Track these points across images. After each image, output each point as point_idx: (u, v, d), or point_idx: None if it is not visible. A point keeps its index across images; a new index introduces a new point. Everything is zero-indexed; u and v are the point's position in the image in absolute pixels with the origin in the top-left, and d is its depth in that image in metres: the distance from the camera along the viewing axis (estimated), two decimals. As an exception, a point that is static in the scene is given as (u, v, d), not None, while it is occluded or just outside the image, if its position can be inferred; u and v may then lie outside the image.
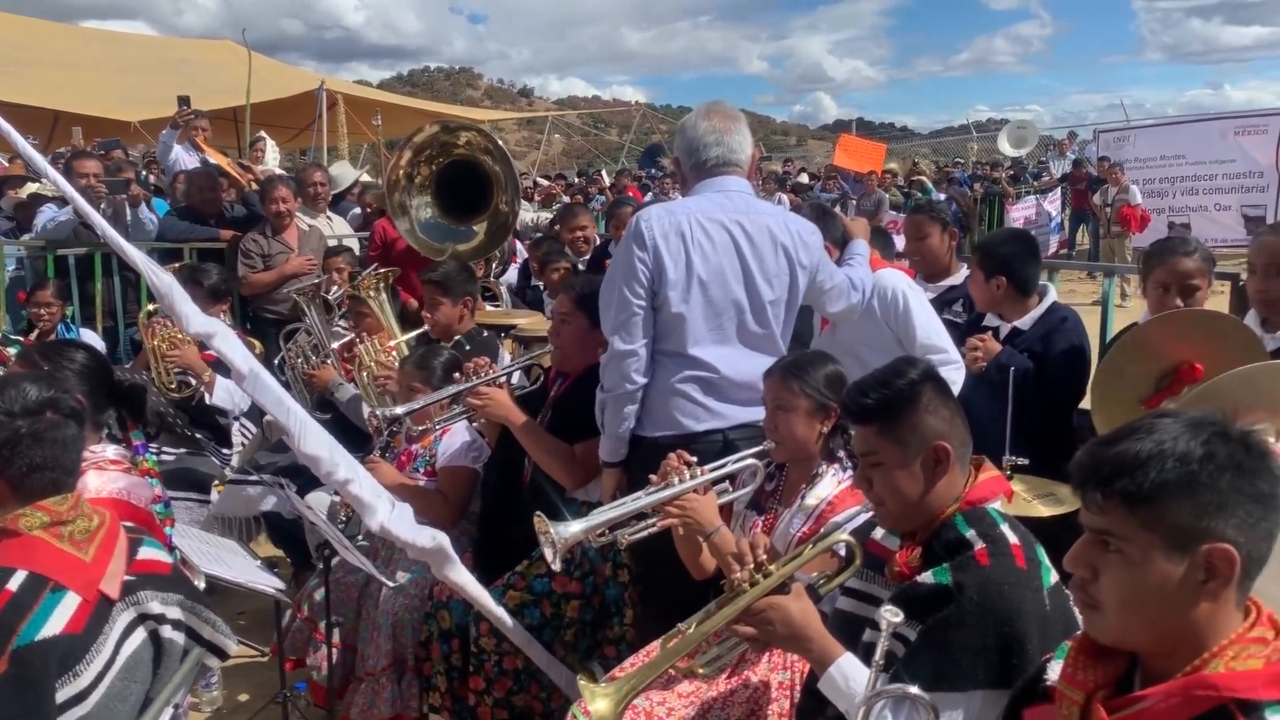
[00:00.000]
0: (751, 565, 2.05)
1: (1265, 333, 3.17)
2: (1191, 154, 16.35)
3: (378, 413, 3.66)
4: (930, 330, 3.60)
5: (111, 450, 2.89)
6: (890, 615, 1.72)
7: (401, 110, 21.13)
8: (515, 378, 3.95)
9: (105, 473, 2.78)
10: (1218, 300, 3.97)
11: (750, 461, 2.76)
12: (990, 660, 1.80)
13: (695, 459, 2.68)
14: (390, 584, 3.32)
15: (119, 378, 3.09)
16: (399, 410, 3.65)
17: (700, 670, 2.27)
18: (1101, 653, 1.48)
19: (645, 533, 2.62)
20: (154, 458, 3.25)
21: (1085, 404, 3.84)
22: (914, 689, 1.67)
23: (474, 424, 3.83)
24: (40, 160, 3.06)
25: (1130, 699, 1.41)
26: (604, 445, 3.15)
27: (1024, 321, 3.78)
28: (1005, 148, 22.25)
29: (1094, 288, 13.38)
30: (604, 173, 22.53)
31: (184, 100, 8.09)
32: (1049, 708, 1.55)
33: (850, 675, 1.92)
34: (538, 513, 2.60)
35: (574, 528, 2.56)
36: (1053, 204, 17.70)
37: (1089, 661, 1.48)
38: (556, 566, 2.62)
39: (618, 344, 3.03)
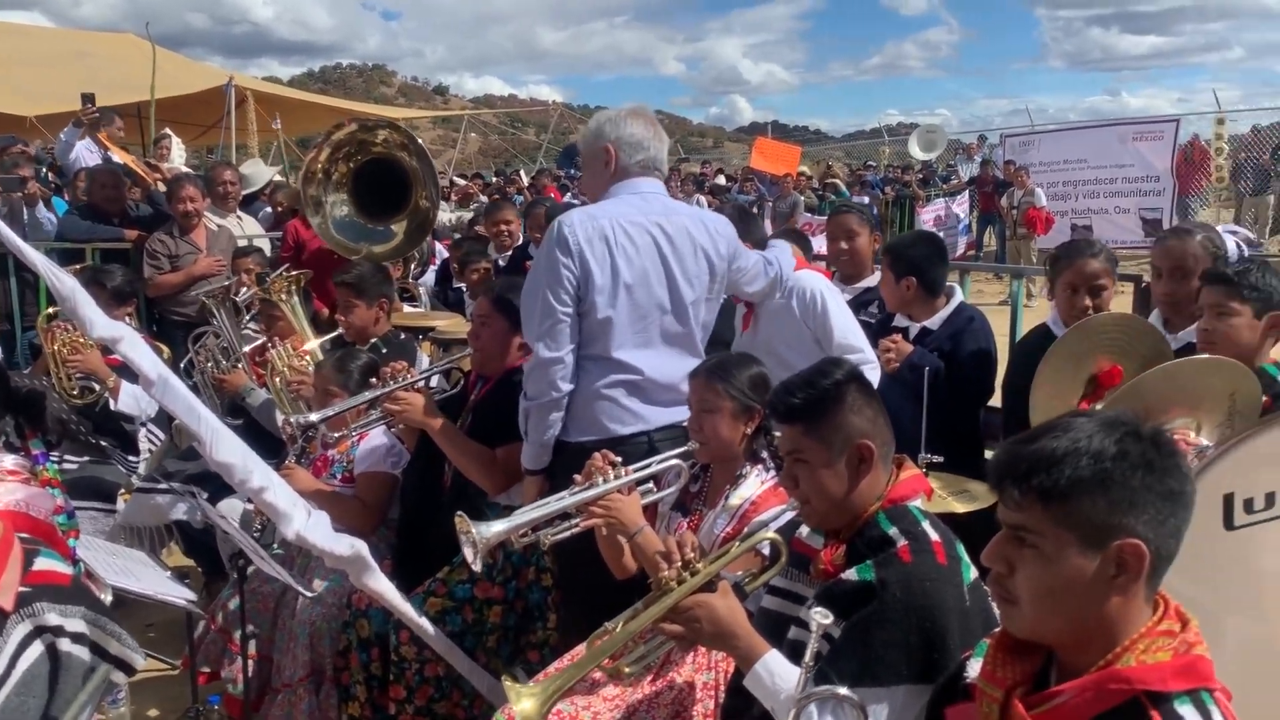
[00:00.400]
0: (679, 563, 2.05)
1: (1168, 333, 3.29)
2: (1093, 159, 16.97)
3: (292, 419, 3.58)
4: (847, 330, 3.66)
5: (9, 460, 2.77)
6: (820, 617, 1.74)
7: (314, 108, 20.63)
8: (434, 381, 3.89)
9: (2, 484, 2.67)
10: (1121, 300, 4.11)
11: (674, 462, 2.77)
12: (913, 655, 1.84)
13: (620, 459, 2.67)
14: (308, 593, 3.25)
15: (16, 384, 2.95)
16: (313, 417, 3.57)
17: (626, 669, 2.27)
18: (1019, 650, 1.51)
19: (569, 533, 2.61)
20: (55, 467, 3.13)
21: (994, 401, 3.97)
22: (843, 690, 1.68)
23: (392, 429, 3.77)
24: (-70, 157, 2.92)
25: (1047, 694, 1.44)
26: (527, 453, 3.11)
27: (933, 322, 3.88)
28: (916, 151, 22.76)
29: (1001, 288, 13.75)
30: (521, 172, 22.41)
31: (88, 98, 7.78)
32: (970, 705, 1.58)
33: (776, 672, 1.94)
34: (459, 513, 2.57)
35: (496, 527, 2.54)
36: (961, 206, 18.19)
37: (1007, 659, 1.51)
38: (477, 567, 2.59)
39: (543, 351, 2.99)
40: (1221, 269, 2.94)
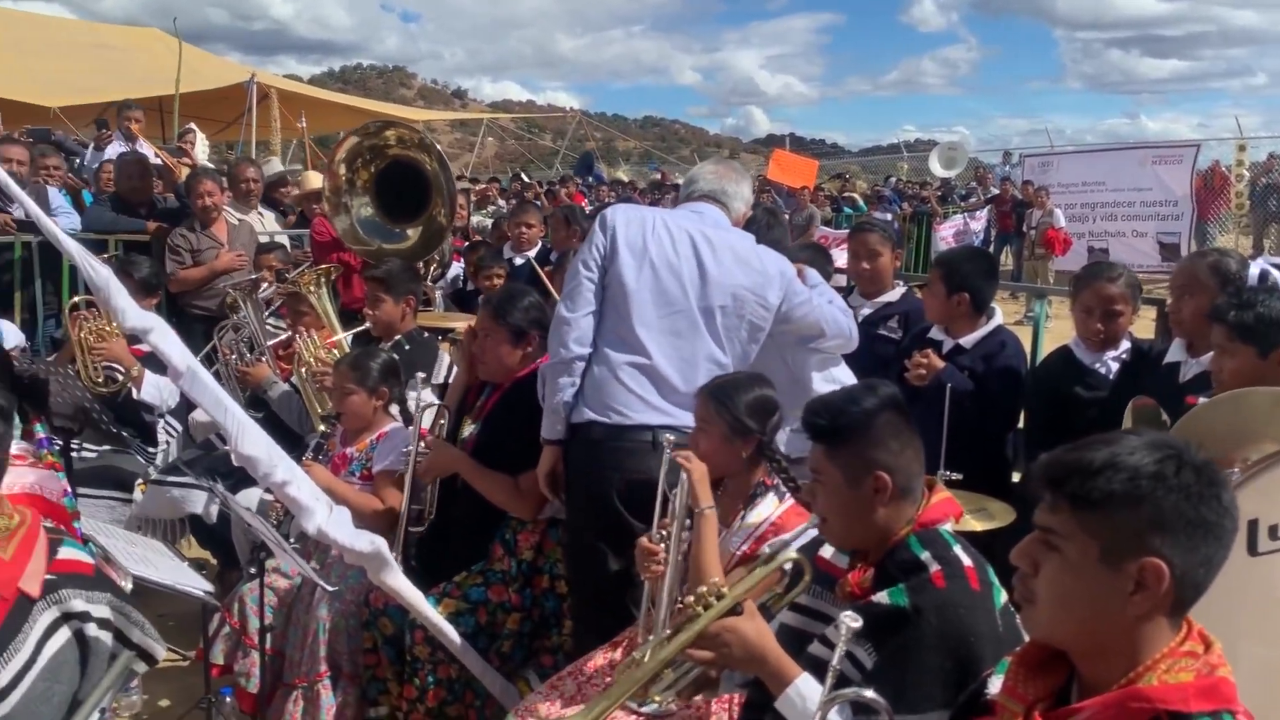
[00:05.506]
0: (703, 590, 2.02)
1: (1190, 357, 3.26)
2: (1111, 181, 16.92)
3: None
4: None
5: (15, 445, 2.80)
6: (849, 620, 1.72)
7: (334, 107, 20.73)
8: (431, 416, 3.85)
9: (13, 468, 2.70)
10: (1144, 324, 4.08)
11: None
12: (948, 681, 1.83)
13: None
14: (330, 588, 3.25)
15: (19, 369, 2.98)
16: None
17: (657, 698, 2.24)
18: (1042, 667, 1.50)
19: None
20: (55, 451, 3.14)
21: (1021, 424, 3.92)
22: (869, 692, 1.68)
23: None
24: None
25: (1068, 711, 1.43)
26: (545, 421, 3.20)
27: (968, 340, 3.79)
28: (936, 168, 22.74)
29: (1016, 307, 13.77)
30: (523, 175, 22.59)
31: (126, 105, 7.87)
32: (989, 721, 1.58)
33: (807, 695, 1.91)
34: None
35: None
36: (978, 222, 18.11)
37: (1029, 675, 1.51)
38: None
39: (562, 310, 3.16)
40: (1222, 306, 2.81)
